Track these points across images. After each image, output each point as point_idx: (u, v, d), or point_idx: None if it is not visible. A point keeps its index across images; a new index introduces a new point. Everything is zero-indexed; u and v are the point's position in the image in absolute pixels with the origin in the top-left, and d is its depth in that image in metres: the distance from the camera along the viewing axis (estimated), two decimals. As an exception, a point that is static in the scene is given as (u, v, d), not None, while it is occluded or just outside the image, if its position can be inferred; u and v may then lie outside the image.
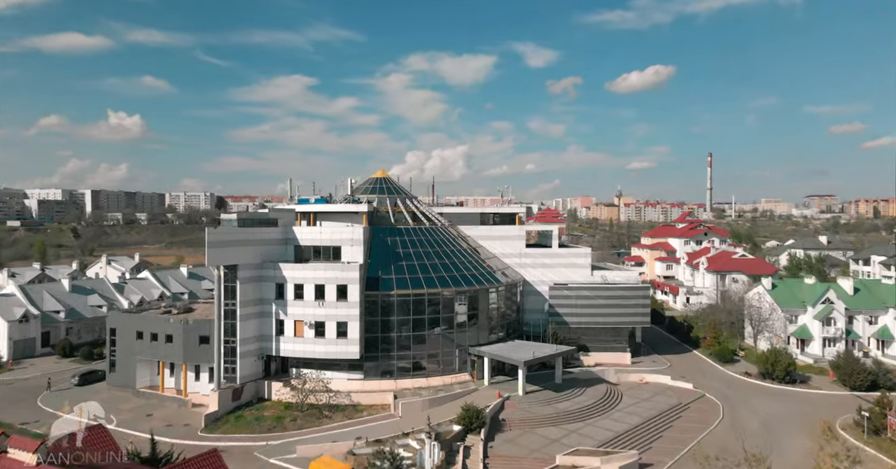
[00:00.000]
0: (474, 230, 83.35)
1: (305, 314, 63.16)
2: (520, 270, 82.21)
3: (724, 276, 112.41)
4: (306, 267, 63.61)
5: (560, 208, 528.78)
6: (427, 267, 69.64)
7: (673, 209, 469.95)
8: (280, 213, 68.62)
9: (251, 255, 62.56)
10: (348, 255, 66.45)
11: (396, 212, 77.99)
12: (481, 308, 70.98)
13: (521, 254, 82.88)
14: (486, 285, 71.08)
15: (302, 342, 63.17)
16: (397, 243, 71.96)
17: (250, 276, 62.68)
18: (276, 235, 66.37)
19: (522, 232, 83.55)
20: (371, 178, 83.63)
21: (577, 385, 67.22)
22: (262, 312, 63.97)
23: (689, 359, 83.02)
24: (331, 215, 73.07)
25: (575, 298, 79.80)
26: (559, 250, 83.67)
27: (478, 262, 75.13)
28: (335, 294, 62.80)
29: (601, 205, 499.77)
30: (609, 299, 79.46)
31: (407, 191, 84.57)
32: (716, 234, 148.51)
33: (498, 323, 73.44)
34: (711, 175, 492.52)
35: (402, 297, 65.60)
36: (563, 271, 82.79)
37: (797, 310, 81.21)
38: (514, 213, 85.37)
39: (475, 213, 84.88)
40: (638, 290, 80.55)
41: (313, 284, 63.04)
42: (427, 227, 76.98)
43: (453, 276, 69.93)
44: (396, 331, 65.49)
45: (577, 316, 79.61)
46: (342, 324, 62.80)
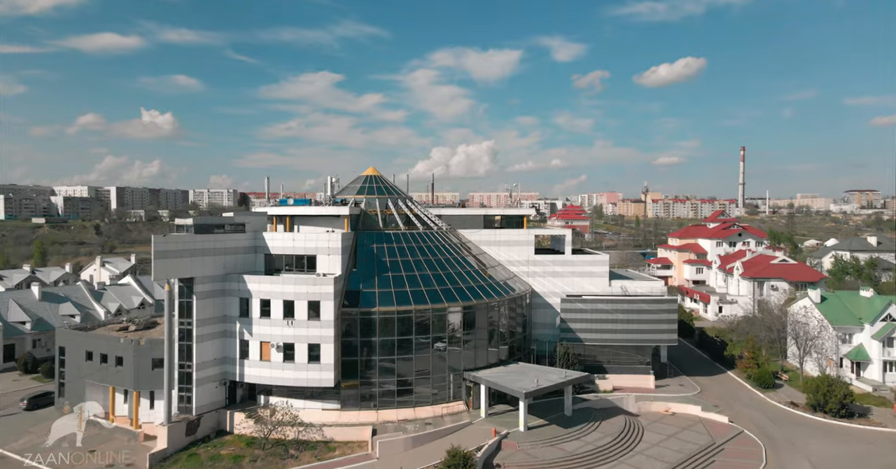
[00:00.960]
0: (476, 235, 73.98)
1: (273, 334, 54.66)
2: (528, 280, 72.72)
3: (762, 284, 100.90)
4: (274, 280, 55.06)
5: (585, 204, 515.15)
6: (417, 279, 60.58)
7: (703, 205, 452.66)
8: (251, 217, 60.24)
9: (211, 266, 54.27)
10: (324, 266, 57.76)
11: (387, 214, 69.05)
12: (480, 325, 61.63)
13: (530, 261, 73.30)
14: (485, 299, 61.71)
15: (269, 367, 54.70)
16: (385, 251, 63.04)
17: (210, 291, 54.41)
18: (243, 243, 57.99)
19: (531, 237, 73.88)
20: (360, 177, 74.79)
21: (590, 417, 57.52)
22: (224, 332, 55.71)
23: (723, 382, 72.48)
24: (310, 219, 64.51)
25: (590, 312, 69.99)
26: (572, 257, 73.82)
27: (478, 273, 65.78)
28: (306, 311, 54.15)
29: (628, 201, 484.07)
30: (630, 313, 69.47)
31: (401, 190, 75.56)
32: (752, 234, 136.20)
33: (500, 341, 64.01)
34: (744, 170, 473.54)
35: (385, 314, 56.68)
36: (578, 281, 72.99)
37: (852, 327, 70.00)
38: (522, 216, 75.76)
39: (478, 216, 75.49)
40: (663, 303, 70.29)
41: (281, 300, 54.50)
42: (421, 232, 67.91)
43: (448, 289, 60.73)
44: (379, 353, 56.62)
45: (592, 332, 69.86)
46: (314, 346, 54.14)
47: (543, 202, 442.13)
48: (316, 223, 64.02)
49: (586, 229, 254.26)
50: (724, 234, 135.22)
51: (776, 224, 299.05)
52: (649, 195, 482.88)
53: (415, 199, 76.65)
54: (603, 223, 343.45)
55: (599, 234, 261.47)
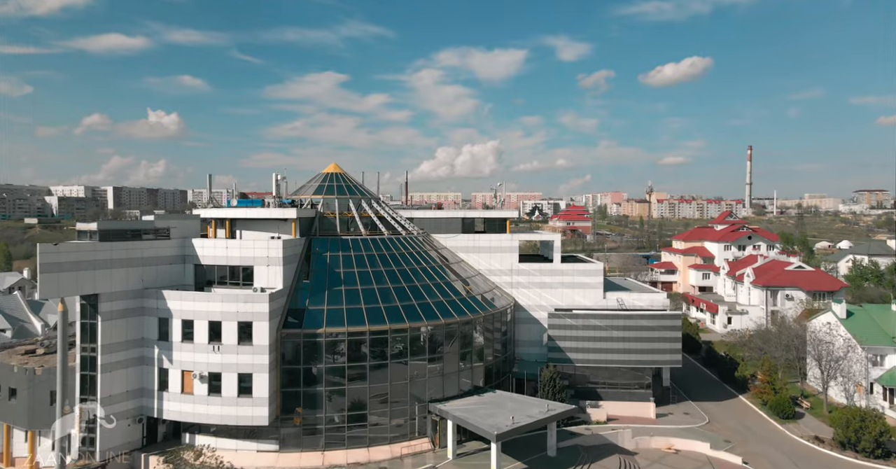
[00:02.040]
0: (453, 240, 64.96)
1: (196, 362, 45.71)
2: (511, 292, 63.67)
3: (776, 293, 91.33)
4: (197, 297, 46.11)
5: (589, 204, 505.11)
6: (376, 293, 51.58)
7: (709, 205, 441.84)
8: (179, 221, 51.30)
9: (122, 279, 45.38)
10: (263, 279, 48.79)
11: (347, 217, 60.06)
12: (450, 347, 52.54)
13: (513, 270, 64.21)
14: (457, 317, 52.63)
15: (191, 401, 45.75)
16: (340, 260, 54.05)
17: (122, 310, 45.54)
18: (168, 251, 49.06)
19: (514, 242, 64.74)
20: (320, 174, 65.80)
21: (577, 458, 48.45)
22: (142, 358, 46.81)
23: (734, 409, 63.12)
24: (253, 223, 55.59)
25: (582, 329, 60.87)
26: (562, 266, 64.64)
27: (450, 285, 56.69)
28: (236, 334, 45.21)
29: (632, 201, 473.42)
30: (627, 331, 60.31)
31: (367, 190, 66.57)
32: (762, 237, 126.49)
33: (475, 365, 54.88)
34: (751, 169, 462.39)
35: (333, 336, 47.70)
36: (568, 293, 63.86)
37: (884, 348, 60.52)
38: (504, 218, 66.63)
39: (455, 218, 66.39)
40: (665, 318, 61.07)
41: (206, 321, 45.55)
42: (386, 238, 58.91)
43: (412, 305, 51.69)
44: (327, 383, 47.61)
45: (584, 352, 60.76)
46: (245, 376, 45.19)
47: (546, 202, 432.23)
48: (260, 228, 55.10)
49: (588, 230, 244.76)
50: (733, 236, 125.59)
51: (785, 225, 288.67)
52: (654, 195, 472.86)
53: (383, 200, 67.72)
54: (606, 224, 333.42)
55: (602, 235, 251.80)
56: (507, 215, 66.71)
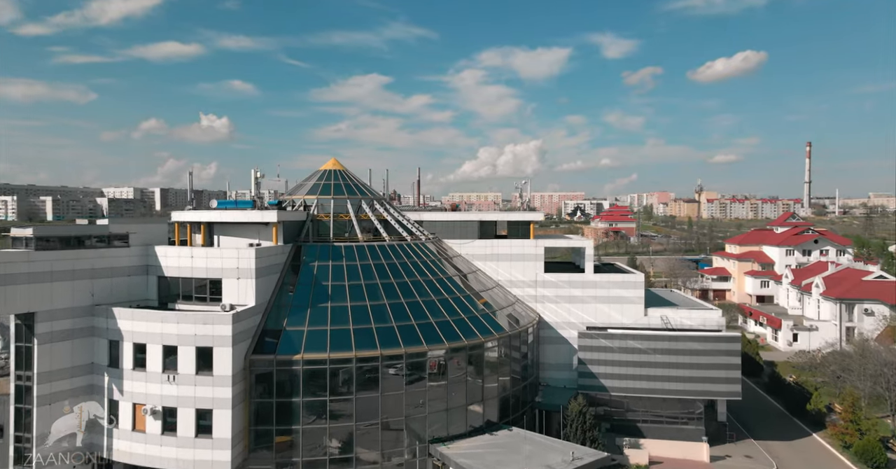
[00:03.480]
0: (468, 247, 56.36)
1: (149, 394, 38.47)
2: (535, 306, 54.70)
3: (852, 307, 78.95)
4: (150, 316, 38.86)
5: (635, 204, 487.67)
6: (368, 311, 43.46)
7: (764, 205, 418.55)
8: (142, 225, 44.36)
9: (66, 295, 38.56)
10: (232, 294, 41.24)
11: (342, 220, 52.22)
12: (456, 375, 43.95)
13: (538, 281, 55.17)
14: (465, 340, 44.00)
15: (143, 440, 38.51)
16: (329, 271, 46.16)
17: (66, 331, 38.73)
18: (125, 261, 42.12)
19: (539, 249, 55.63)
20: (317, 171, 58.16)
21: (611, 519, 39.14)
22: (91, 387, 39.93)
23: (808, 452, 52.30)
24: (232, 228, 48.23)
25: (618, 351, 51.45)
26: (595, 277, 55.15)
27: (459, 301, 48.06)
28: (194, 362, 37.76)
29: (680, 201, 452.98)
30: (674, 354, 50.64)
31: (370, 189, 58.57)
32: (831, 241, 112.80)
33: (488, 396, 46.09)
34: (810, 167, 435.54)
35: (312, 364, 39.76)
36: (602, 309, 54.44)
37: None
38: (527, 221, 57.48)
39: (471, 222, 57.65)
40: (721, 341, 50.96)
41: (160, 345, 38.28)
42: (387, 245, 50.77)
43: (410, 326, 43.34)
44: (304, 420, 39.69)
45: (621, 378, 51.42)
46: (205, 412, 37.68)
47: (589, 202, 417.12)
48: (239, 233, 47.74)
49: (632, 232, 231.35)
50: (796, 240, 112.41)
51: (849, 226, 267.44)
52: (704, 194, 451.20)
53: (390, 201, 59.66)
54: (652, 224, 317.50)
55: (647, 237, 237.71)
56: (530, 218, 57.55)
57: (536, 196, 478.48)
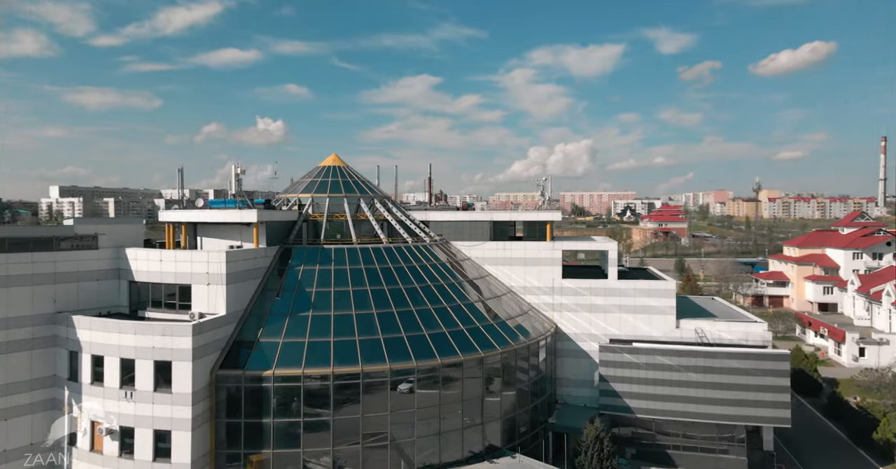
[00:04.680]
0: (479, 249, 51.31)
1: (107, 411, 35.22)
2: (552, 315, 49.21)
3: (930, 318, 69.30)
4: (108, 325, 35.60)
5: (690, 204, 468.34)
6: (353, 321, 39.11)
7: (832, 204, 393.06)
8: (114, 226, 41.34)
9: (23, 301, 35.78)
10: (202, 302, 37.62)
11: (337, 221, 48.09)
12: (450, 395, 38.94)
13: (555, 288, 49.57)
14: (461, 355, 39.01)
15: (101, 462, 35.27)
16: (314, 277, 42.03)
17: (24, 340, 35.91)
18: (92, 265, 39.14)
19: (556, 252, 49.99)
20: (316, 168, 54.29)
21: None
22: (53, 401, 37.07)
23: (873, 491, 44.64)
24: (216, 229, 44.78)
25: (645, 368, 45.36)
26: (619, 284, 49.03)
27: (459, 309, 43.06)
28: (152, 377, 34.24)
29: (739, 200, 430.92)
30: (710, 373, 44.22)
31: (373, 187, 54.26)
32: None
33: (489, 418, 40.86)
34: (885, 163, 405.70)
35: (285, 381, 35.62)
36: (627, 319, 48.36)
37: None
38: (544, 222, 51.81)
39: (482, 222, 52.47)
40: (766, 358, 44.05)
41: (118, 358, 34.98)
42: (384, 247, 46.32)
43: (399, 339, 38.69)
44: (275, 444, 35.58)
45: (647, 399, 45.33)
46: (163, 434, 34.09)
47: (640, 202, 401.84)
48: (223, 234, 44.23)
49: (683, 232, 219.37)
50: (865, 242, 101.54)
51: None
52: (764, 193, 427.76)
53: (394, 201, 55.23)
54: (707, 225, 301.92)
55: (699, 237, 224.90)
56: (546, 218, 51.85)
57: (585, 195, 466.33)
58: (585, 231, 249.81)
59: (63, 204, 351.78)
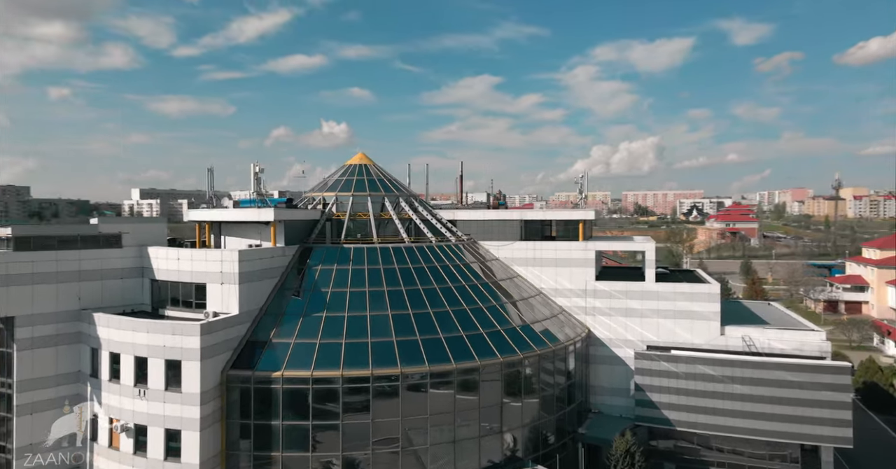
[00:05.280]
0: (508, 249, 49.28)
1: (122, 409, 35.68)
2: (584, 319, 46.56)
3: None
4: (123, 323, 36.01)
5: (765, 203, 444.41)
6: (366, 323, 38.00)
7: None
8: (138, 225, 42.05)
9: (49, 298, 36.79)
10: (216, 301, 37.56)
11: (360, 220, 47.27)
12: (466, 403, 37.15)
13: (588, 290, 46.83)
14: (478, 360, 37.17)
15: (117, 458, 35.75)
16: (332, 276, 41.30)
17: (50, 336, 36.96)
18: (116, 263, 39.88)
19: (589, 253, 47.20)
20: (343, 166, 53.75)
21: None
22: (77, 397, 37.88)
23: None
24: (238, 228, 44.98)
25: (685, 377, 42.07)
26: (656, 286, 45.67)
27: (480, 311, 41.20)
28: (163, 376, 34.34)
29: (819, 198, 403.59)
30: (758, 385, 40.55)
31: (399, 186, 53.13)
32: None
33: (509, 426, 38.80)
34: None
35: (293, 383, 34.91)
36: (666, 325, 45.01)
37: None
38: (577, 221, 49.06)
39: (511, 221, 50.35)
40: (824, 371, 39.77)
41: (132, 356, 35.32)
42: (407, 247, 45.07)
43: (412, 342, 37.30)
44: (284, 447, 34.92)
45: (688, 411, 41.98)
46: (173, 434, 34.09)
47: (708, 201, 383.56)
48: (243, 233, 44.36)
49: (753, 233, 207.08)
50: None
51: None
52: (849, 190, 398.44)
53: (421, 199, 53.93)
54: (782, 225, 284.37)
55: (771, 238, 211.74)
56: (579, 216, 49.04)
57: (649, 195, 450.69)
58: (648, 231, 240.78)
59: (143, 205, 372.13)
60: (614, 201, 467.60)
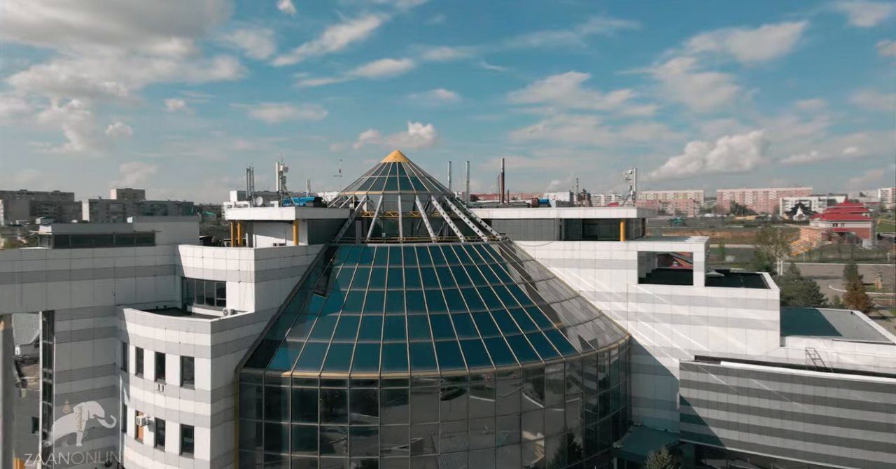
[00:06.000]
0: (544, 250, 46.71)
1: (145, 402, 36.79)
2: (625, 324, 43.24)
3: None
4: (147, 319, 37.03)
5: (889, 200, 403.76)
6: (380, 324, 36.98)
7: None
8: (172, 223, 43.30)
9: (85, 293, 38.63)
10: (235, 299, 37.96)
11: (390, 219, 46.44)
12: (476, 411, 35.16)
13: (629, 294, 43.36)
14: (493, 365, 35.10)
15: (141, 450, 36.93)
16: (352, 276, 40.68)
17: (87, 329, 38.84)
18: (149, 260, 41.30)
19: (630, 254, 43.61)
20: (379, 165, 53.11)
21: None
22: (113, 389, 39.64)
23: None
24: (266, 227, 45.42)
25: (736, 392, 37.84)
26: (706, 291, 41.33)
27: (504, 314, 39.04)
28: (179, 372, 35.05)
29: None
30: (823, 405, 35.66)
31: (433, 184, 51.79)
32: None
33: (530, 436, 36.39)
34: None
35: (302, 384, 34.48)
36: (716, 333, 40.75)
37: None
38: (617, 220, 45.47)
39: (548, 220, 47.54)
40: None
41: (153, 351, 36.33)
42: (433, 246, 43.71)
43: (426, 345, 35.89)
44: (293, 448, 34.59)
45: (740, 430, 37.92)
46: (187, 429, 34.69)
47: (817, 199, 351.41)
48: (271, 232, 44.74)
49: (867, 234, 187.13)
50: None
51: None
52: None
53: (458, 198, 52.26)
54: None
55: (887, 240, 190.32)
56: (619, 215, 45.43)
57: (748, 192, 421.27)
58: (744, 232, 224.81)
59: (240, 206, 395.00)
60: (708, 200, 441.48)
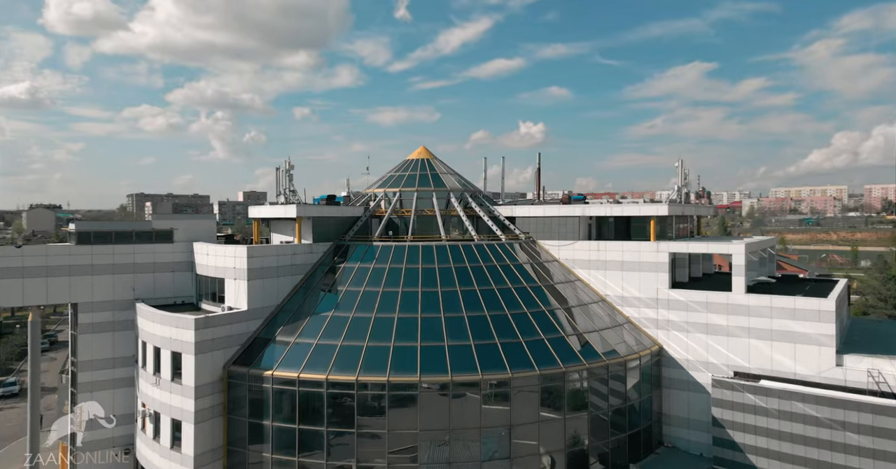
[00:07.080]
0: (567, 250, 42.77)
1: (147, 395, 37.81)
2: (655, 333, 38.57)
3: None
4: (146, 314, 37.97)
5: None
6: (367, 325, 35.36)
7: None
8: (191, 221, 44.28)
9: (106, 288, 40.43)
10: (231, 296, 38.07)
11: (402, 215, 44.67)
12: (472, 420, 32.34)
13: (660, 299, 38.47)
14: (508, 371, 32.24)
15: (145, 442, 37.96)
16: (351, 275, 39.44)
17: (107, 322, 40.66)
18: (167, 257, 42.48)
19: (661, 255, 38.54)
20: (404, 161, 51.37)
21: None
22: (129, 380, 41.22)
23: None
24: (281, 224, 45.44)
25: (777, 416, 32.20)
26: (747, 299, 35.40)
27: (509, 318, 35.90)
28: (170, 367, 35.61)
29: None
30: (884, 437, 29.30)
31: (458, 180, 49.21)
32: None
33: (528, 453, 32.99)
34: None
35: (282, 384, 33.65)
36: (759, 347, 34.97)
37: None
38: (647, 218, 40.30)
39: (571, 218, 43.25)
40: None
41: (153, 346, 37.21)
42: (440, 245, 41.38)
43: (431, 349, 33.75)
44: (274, 449, 33.84)
45: (783, 461, 33.10)
46: (177, 423, 35.13)
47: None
48: (283, 230, 44.70)
49: None
50: None
51: None
52: None
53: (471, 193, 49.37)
54: None
55: None
56: (648, 212, 40.22)
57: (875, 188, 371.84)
58: (883, 233, 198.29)
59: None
60: (855, 197, 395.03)
